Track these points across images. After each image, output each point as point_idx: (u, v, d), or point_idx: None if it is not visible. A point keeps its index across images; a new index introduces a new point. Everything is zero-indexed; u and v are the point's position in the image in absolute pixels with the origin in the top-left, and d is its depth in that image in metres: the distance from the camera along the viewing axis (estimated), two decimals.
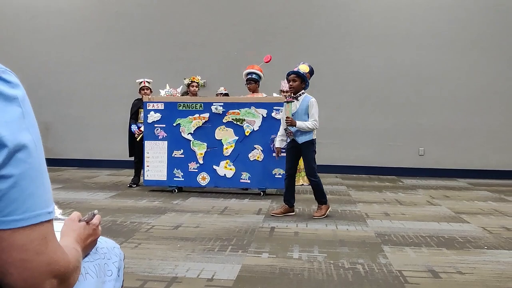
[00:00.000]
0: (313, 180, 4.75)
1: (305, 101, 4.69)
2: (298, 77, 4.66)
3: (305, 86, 4.71)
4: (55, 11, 9.38)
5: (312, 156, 4.75)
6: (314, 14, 8.82)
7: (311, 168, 4.74)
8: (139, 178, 6.68)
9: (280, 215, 4.79)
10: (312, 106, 4.65)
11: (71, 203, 5.32)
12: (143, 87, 6.64)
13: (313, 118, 4.64)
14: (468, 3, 8.51)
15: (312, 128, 4.65)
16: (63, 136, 9.34)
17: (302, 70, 4.67)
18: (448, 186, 7.31)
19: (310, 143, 4.71)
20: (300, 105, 4.69)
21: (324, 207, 4.78)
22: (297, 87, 4.69)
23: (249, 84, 6.27)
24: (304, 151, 4.75)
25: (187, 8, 9.08)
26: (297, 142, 4.74)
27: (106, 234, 3.84)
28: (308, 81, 4.70)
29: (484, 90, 8.49)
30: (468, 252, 3.55)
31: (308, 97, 4.72)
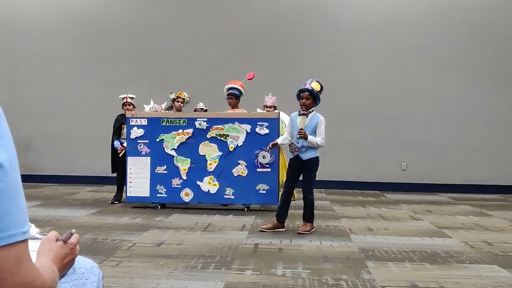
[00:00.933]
0: (309, 197, 4.78)
1: (314, 118, 4.75)
2: (311, 95, 4.71)
3: (315, 104, 4.77)
4: (36, 25, 9.31)
5: (314, 174, 4.81)
6: (298, 31, 8.92)
7: (310, 185, 4.78)
8: (122, 194, 6.62)
9: (269, 230, 4.75)
10: (322, 124, 4.73)
11: (51, 221, 5.21)
12: (126, 102, 6.59)
13: (321, 136, 4.71)
14: (449, 20, 8.70)
15: (320, 145, 4.71)
16: (44, 152, 9.20)
17: (315, 87, 4.72)
18: (430, 201, 7.38)
19: (315, 160, 4.76)
20: (309, 122, 4.73)
21: (310, 225, 4.78)
22: (309, 105, 4.74)
23: (230, 99, 6.31)
24: (308, 167, 4.77)
25: (172, 24, 9.11)
26: (301, 158, 4.74)
27: (86, 252, 3.79)
28: (319, 99, 4.76)
29: (465, 105, 8.64)
30: (450, 266, 3.57)
31: (318, 115, 4.78)
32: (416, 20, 8.76)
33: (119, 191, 6.64)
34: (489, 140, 8.59)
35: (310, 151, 4.72)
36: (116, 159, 6.55)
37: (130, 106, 6.55)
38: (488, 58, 8.61)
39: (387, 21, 8.80)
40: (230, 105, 6.36)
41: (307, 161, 4.73)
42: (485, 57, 8.62)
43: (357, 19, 8.86)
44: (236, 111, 6.31)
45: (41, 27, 9.31)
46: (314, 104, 4.76)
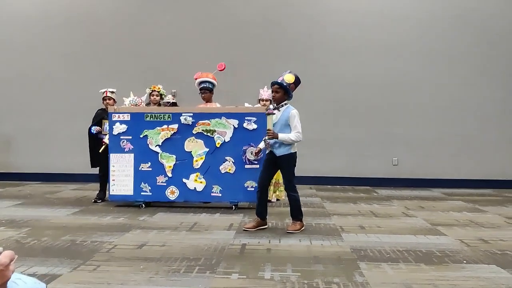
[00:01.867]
0: (292, 195, 4.58)
1: (286, 112, 4.50)
2: (280, 88, 4.48)
3: (288, 97, 4.53)
4: (17, 20, 8.99)
5: (291, 171, 4.56)
6: (287, 24, 8.71)
7: (289, 182, 4.56)
8: (105, 192, 6.36)
9: (252, 229, 4.57)
10: (294, 118, 4.45)
11: (29, 221, 4.96)
12: (106, 97, 6.34)
13: (296, 130, 4.44)
14: (439, 14, 8.55)
15: (295, 140, 4.45)
16: (25, 150, 8.90)
17: (287, 80, 4.49)
18: (422, 196, 7.23)
19: (289, 156, 4.51)
20: (281, 116, 4.51)
21: (299, 223, 4.59)
22: (279, 98, 4.52)
23: (204, 93, 6.08)
24: (282, 164, 4.56)
25: (156, 17, 8.85)
26: (274, 154, 4.54)
27: (64, 255, 3.56)
28: (290, 92, 4.51)
29: (455, 99, 8.51)
30: (447, 267, 3.40)
31: (290, 108, 4.53)
32: (407, 14, 8.60)
33: (102, 189, 6.38)
34: (481, 134, 8.47)
35: (284, 147, 4.51)
36: (95, 152, 6.26)
37: (111, 101, 6.30)
38: (479, 53, 8.48)
39: (377, 15, 8.62)
40: (204, 99, 6.13)
41: (281, 158, 4.53)
42: (476, 52, 8.49)
43: (348, 12, 8.67)
44: (209, 105, 6.10)
45: (20, 23, 8.98)
46: (284, 97, 4.52)
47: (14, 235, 4.31)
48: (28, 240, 4.11)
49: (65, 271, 3.21)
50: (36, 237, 4.23)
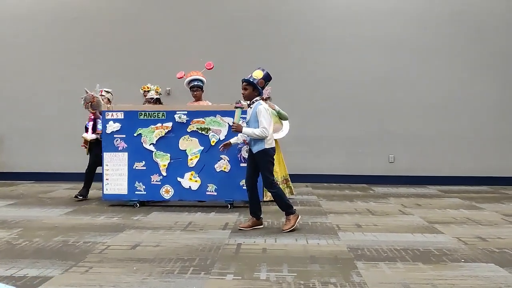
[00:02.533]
0: (272, 192, 4.51)
1: (255, 108, 4.46)
2: (249, 85, 4.46)
3: (258, 93, 4.48)
4: (10, 17, 8.87)
5: (267, 167, 4.47)
6: (281, 20, 8.64)
7: (266, 178, 4.47)
8: (88, 190, 6.38)
9: (248, 229, 4.52)
10: (260, 113, 4.39)
11: (21, 222, 4.89)
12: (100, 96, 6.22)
13: (261, 125, 4.36)
14: (435, 11, 8.51)
15: (260, 135, 4.36)
16: (18, 149, 8.80)
17: (255, 76, 4.46)
18: (419, 194, 7.20)
19: (263, 152, 4.44)
20: (252, 112, 4.48)
21: (293, 217, 4.49)
22: (248, 94, 4.49)
23: (195, 91, 6.10)
24: (257, 161, 4.49)
25: (150, 15, 8.75)
26: (252, 151, 4.51)
27: (55, 257, 3.49)
28: (259, 88, 4.46)
29: (451, 96, 8.48)
30: (445, 266, 3.36)
31: (258, 103, 4.47)
32: (403, 10, 8.55)
33: (85, 186, 6.35)
34: (477, 131, 8.45)
35: (258, 144, 4.43)
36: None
37: (105, 101, 6.16)
38: (476, 50, 8.46)
39: (374, 12, 8.57)
40: (195, 97, 6.14)
41: (256, 154, 4.47)
42: (472, 49, 8.47)
43: (344, 8, 8.61)
44: (201, 103, 6.08)
45: (13, 20, 8.86)
46: (254, 93, 4.47)
47: (5, 236, 4.24)
48: (20, 241, 4.03)
49: (56, 273, 3.15)
50: (28, 238, 4.16)
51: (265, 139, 4.41)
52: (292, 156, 8.35)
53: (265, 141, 4.42)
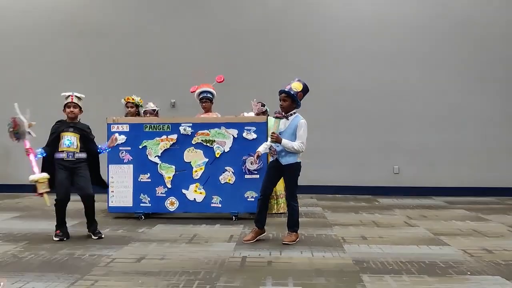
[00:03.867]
0: (293, 205, 4.50)
1: (294, 121, 4.44)
2: (288, 97, 4.42)
3: (296, 105, 4.46)
4: (14, 30, 8.99)
5: (295, 180, 4.50)
6: (285, 32, 8.70)
7: (292, 192, 4.50)
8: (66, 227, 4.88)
9: (252, 240, 4.51)
10: (301, 128, 4.40)
11: (27, 234, 4.91)
12: (70, 103, 4.95)
13: (300, 140, 4.38)
14: (439, 22, 8.55)
15: (298, 150, 4.39)
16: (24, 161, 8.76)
17: (294, 88, 4.41)
18: (424, 205, 7.17)
19: (295, 166, 4.45)
20: (289, 124, 4.45)
21: (295, 235, 4.51)
22: (287, 107, 4.45)
23: (204, 103, 6.14)
24: (287, 173, 4.49)
25: (153, 27, 8.84)
26: (280, 163, 4.47)
27: (61, 270, 3.50)
28: (298, 101, 4.44)
29: (456, 107, 8.48)
30: (451, 279, 3.34)
31: (299, 117, 4.47)
32: (407, 22, 8.60)
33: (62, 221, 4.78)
34: (482, 142, 8.43)
35: (290, 156, 4.43)
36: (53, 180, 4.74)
37: (76, 109, 4.91)
38: (479, 61, 8.48)
39: (377, 22, 8.62)
40: (204, 109, 6.19)
41: (286, 167, 4.45)
42: (475, 59, 8.49)
43: (348, 20, 8.67)
44: (210, 115, 6.11)
45: (20, 31, 8.98)
46: (293, 105, 4.45)
47: (11, 249, 4.25)
48: (26, 254, 4.05)
49: (62, 286, 3.15)
50: (34, 251, 4.17)
51: (299, 153, 4.43)
52: None
53: (297, 154, 4.44)
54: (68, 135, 4.83)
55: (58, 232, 4.71)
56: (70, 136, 4.83)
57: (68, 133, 4.84)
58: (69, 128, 4.85)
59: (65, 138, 4.82)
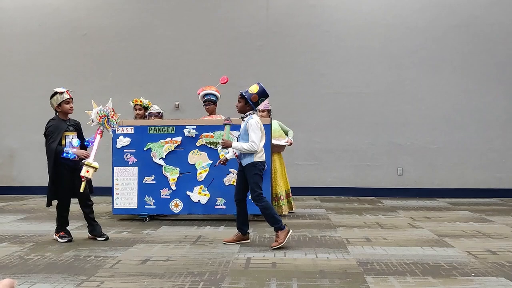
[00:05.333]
0: (259, 205, 4.45)
1: (246, 122, 4.48)
2: (242, 98, 4.51)
3: (250, 107, 4.49)
4: (20, 34, 9.05)
5: (254, 180, 4.44)
6: (288, 35, 8.73)
7: (253, 191, 4.47)
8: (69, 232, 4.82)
9: (232, 243, 4.53)
10: (250, 127, 4.39)
11: (33, 236, 4.94)
12: (69, 99, 4.83)
13: (250, 139, 4.37)
14: (442, 24, 8.56)
15: (248, 150, 4.35)
16: (29, 163, 8.90)
17: (250, 90, 4.49)
18: (428, 207, 7.17)
19: (251, 165, 4.42)
20: (244, 125, 4.50)
21: (281, 233, 4.37)
22: (240, 108, 4.54)
23: (207, 105, 6.14)
24: (246, 174, 4.49)
25: (158, 30, 8.89)
26: (241, 164, 4.52)
27: (67, 271, 3.53)
28: (251, 102, 4.46)
29: (460, 108, 8.48)
30: (455, 280, 3.35)
31: (250, 118, 4.48)
32: (410, 23, 8.61)
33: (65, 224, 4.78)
34: (486, 143, 8.43)
35: (247, 157, 4.44)
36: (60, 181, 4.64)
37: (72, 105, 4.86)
38: (483, 61, 8.48)
39: (380, 24, 8.64)
40: (208, 111, 6.19)
41: (245, 168, 4.47)
42: (480, 59, 8.48)
43: (351, 21, 8.69)
44: (214, 117, 6.13)
45: (26, 35, 9.04)
46: (246, 107, 4.49)
47: (18, 250, 4.29)
48: (32, 256, 4.08)
49: None
50: (40, 252, 4.21)
51: (259, 153, 4.42)
52: (301, 169, 8.40)
53: (255, 154, 4.42)
54: (71, 134, 4.77)
55: (62, 233, 4.73)
56: (72, 135, 4.78)
57: (70, 133, 4.77)
58: (69, 126, 4.79)
59: (69, 137, 4.73)
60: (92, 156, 4.55)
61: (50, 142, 4.65)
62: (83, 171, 4.43)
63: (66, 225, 4.80)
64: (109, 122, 4.75)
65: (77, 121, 4.96)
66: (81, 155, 4.58)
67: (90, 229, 4.86)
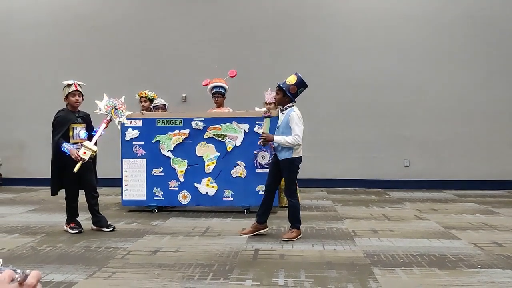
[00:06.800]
0: (290, 201, 4.47)
1: (287, 115, 4.39)
2: (280, 90, 4.41)
3: (289, 99, 4.42)
4: (29, 26, 9.10)
5: (291, 177, 4.44)
6: (295, 27, 8.71)
7: (288, 188, 4.50)
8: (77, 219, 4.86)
9: (249, 234, 4.54)
10: (293, 120, 4.30)
11: (44, 227, 5.03)
12: (75, 92, 4.80)
13: (294, 133, 4.28)
14: (449, 15, 8.51)
15: (292, 143, 4.27)
16: (39, 155, 8.96)
17: (288, 81, 4.39)
18: (434, 199, 7.20)
19: (289, 161, 4.36)
20: (284, 118, 4.42)
21: (296, 231, 4.43)
22: (279, 100, 4.47)
23: (217, 97, 6.16)
24: (282, 169, 4.45)
25: (165, 23, 8.90)
26: (278, 158, 4.47)
27: (79, 262, 3.61)
28: (290, 94, 4.38)
29: (466, 100, 8.46)
30: (461, 272, 3.39)
31: (291, 110, 4.38)
32: (417, 15, 8.56)
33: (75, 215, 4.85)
34: (492, 134, 8.41)
35: (285, 151, 4.36)
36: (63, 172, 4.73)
37: (80, 98, 4.84)
38: (490, 53, 8.43)
39: (386, 15, 8.60)
40: (216, 103, 6.22)
41: (282, 162, 4.40)
42: (486, 51, 8.44)
43: (356, 13, 8.66)
44: (222, 109, 6.16)
45: (35, 27, 9.08)
46: (285, 99, 4.39)
47: (30, 241, 4.37)
48: (43, 247, 4.16)
49: (81, 278, 3.25)
50: (51, 243, 4.29)
51: (294, 147, 4.35)
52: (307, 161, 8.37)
53: (293, 149, 4.34)
54: (79, 126, 4.79)
55: (73, 224, 4.80)
56: (81, 126, 4.81)
57: (79, 124, 4.80)
58: (77, 118, 4.81)
59: (77, 129, 4.76)
60: (93, 140, 4.61)
61: (54, 134, 4.76)
62: (81, 151, 4.47)
63: (76, 216, 4.87)
64: (116, 112, 4.80)
65: (86, 113, 4.99)
66: (72, 154, 4.52)
67: (94, 220, 4.92)
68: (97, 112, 4.81)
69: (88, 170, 4.78)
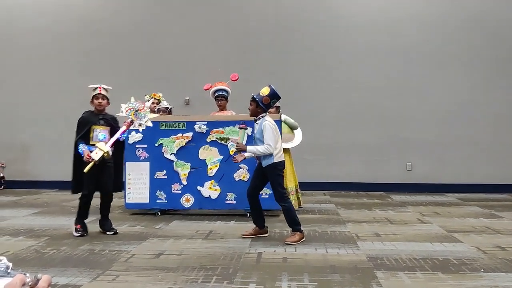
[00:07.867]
0: (282, 205, 4.51)
1: (261, 124, 4.50)
2: (253, 101, 4.54)
3: (262, 109, 4.51)
4: (33, 29, 9.15)
5: (277, 181, 4.50)
6: (297, 30, 8.74)
7: (277, 192, 4.52)
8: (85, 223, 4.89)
9: (250, 236, 4.62)
10: (265, 129, 4.41)
11: (47, 230, 5.05)
12: (99, 95, 4.92)
13: (266, 142, 4.39)
14: (451, 18, 8.52)
15: (263, 152, 4.38)
16: (42, 158, 9.03)
17: (261, 93, 4.53)
18: (437, 202, 7.19)
19: (272, 167, 4.46)
20: (258, 128, 4.53)
21: (298, 234, 4.46)
22: (252, 110, 4.58)
23: (220, 100, 6.18)
24: (268, 175, 4.54)
25: (169, 26, 8.94)
26: (261, 165, 4.57)
27: (83, 265, 3.62)
28: (263, 105, 4.48)
29: (469, 103, 8.45)
30: (464, 276, 3.39)
31: (264, 120, 4.50)
32: (419, 17, 8.58)
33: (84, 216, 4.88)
34: (495, 138, 8.40)
35: (267, 158, 4.47)
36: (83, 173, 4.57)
37: (104, 101, 4.92)
38: (492, 55, 8.42)
39: (389, 18, 8.61)
40: (219, 107, 6.23)
41: (266, 168, 4.50)
42: (489, 54, 8.43)
43: (359, 16, 8.68)
44: (225, 113, 6.18)
45: (39, 30, 9.13)
46: (257, 110, 4.50)
47: (34, 244, 4.39)
48: (48, 250, 4.18)
49: (85, 281, 3.27)
50: (55, 246, 4.30)
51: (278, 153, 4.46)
52: (309, 164, 8.44)
53: (273, 155, 4.45)
54: (100, 128, 4.85)
55: (78, 227, 4.82)
56: (102, 129, 4.86)
57: (100, 126, 4.86)
58: (99, 120, 4.88)
59: (97, 131, 4.83)
60: (110, 141, 4.61)
61: (76, 135, 4.91)
62: (93, 152, 4.49)
63: (85, 218, 4.88)
64: (137, 114, 4.75)
65: (113, 116, 5.00)
66: (85, 155, 4.58)
67: (101, 222, 4.97)
68: (118, 114, 4.81)
69: (106, 174, 4.81)
